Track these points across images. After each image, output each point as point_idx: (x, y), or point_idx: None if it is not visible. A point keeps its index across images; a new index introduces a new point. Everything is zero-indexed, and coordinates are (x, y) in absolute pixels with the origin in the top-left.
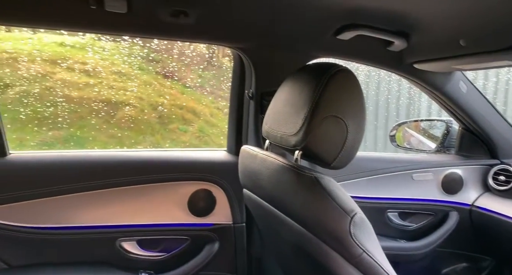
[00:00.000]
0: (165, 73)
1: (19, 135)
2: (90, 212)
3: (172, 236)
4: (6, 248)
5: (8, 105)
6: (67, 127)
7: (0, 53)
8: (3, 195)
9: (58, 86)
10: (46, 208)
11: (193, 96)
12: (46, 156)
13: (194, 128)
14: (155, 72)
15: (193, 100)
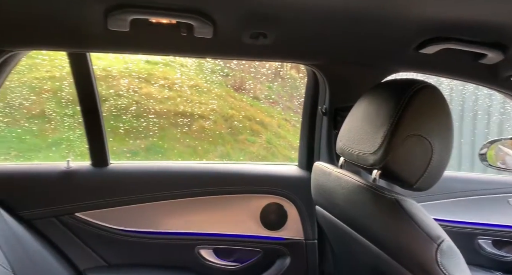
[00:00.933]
0: (235, 86)
1: (111, 144)
2: (173, 218)
3: (245, 247)
4: (106, 247)
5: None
6: (150, 137)
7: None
8: (104, 200)
9: (143, 100)
10: (138, 213)
11: (261, 108)
12: (140, 165)
13: (262, 140)
14: (227, 86)
15: (262, 112)
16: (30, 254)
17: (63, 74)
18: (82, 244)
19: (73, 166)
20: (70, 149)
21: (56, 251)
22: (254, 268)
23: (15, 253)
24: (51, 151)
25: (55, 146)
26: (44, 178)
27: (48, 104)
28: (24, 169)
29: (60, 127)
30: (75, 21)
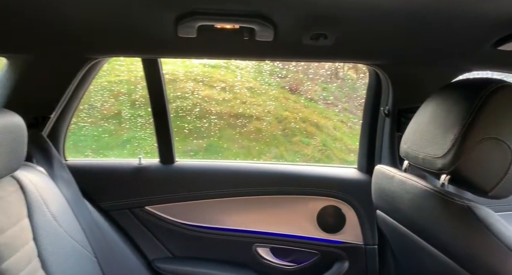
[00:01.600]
0: (290, 88)
1: (175, 143)
2: (232, 216)
3: (302, 249)
4: (171, 240)
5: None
6: (208, 138)
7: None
8: (170, 195)
9: (204, 102)
10: (200, 209)
11: (317, 110)
12: (203, 164)
13: (317, 142)
14: (281, 87)
15: (316, 114)
16: (108, 241)
17: (137, 78)
18: (151, 235)
19: (144, 162)
20: (140, 146)
21: (129, 241)
22: (311, 270)
23: (96, 239)
24: (123, 149)
25: (126, 144)
26: (119, 173)
27: (121, 106)
28: (103, 164)
29: (132, 127)
30: (149, 30)
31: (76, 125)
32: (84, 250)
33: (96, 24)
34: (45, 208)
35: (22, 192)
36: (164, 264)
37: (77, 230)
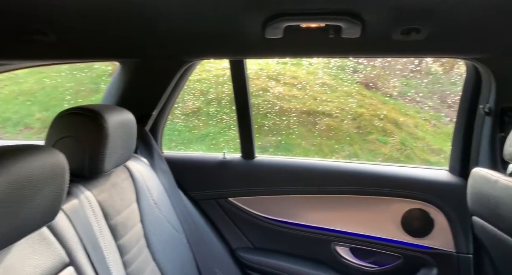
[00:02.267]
0: (366, 83)
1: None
2: (311, 213)
3: (383, 251)
4: (252, 231)
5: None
6: (278, 134)
7: None
8: (251, 189)
9: (273, 99)
10: (279, 203)
11: (395, 106)
12: (282, 160)
13: (395, 140)
14: (356, 83)
15: (395, 110)
16: (198, 228)
17: (213, 77)
18: (234, 225)
19: (228, 157)
20: (216, 141)
21: (215, 229)
22: (394, 273)
23: (188, 225)
24: (201, 143)
25: (204, 138)
26: (206, 166)
27: (200, 104)
28: (193, 157)
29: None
30: (239, 33)
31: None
32: (179, 235)
33: (193, 30)
34: (149, 195)
35: (132, 179)
36: (246, 253)
37: (173, 216)
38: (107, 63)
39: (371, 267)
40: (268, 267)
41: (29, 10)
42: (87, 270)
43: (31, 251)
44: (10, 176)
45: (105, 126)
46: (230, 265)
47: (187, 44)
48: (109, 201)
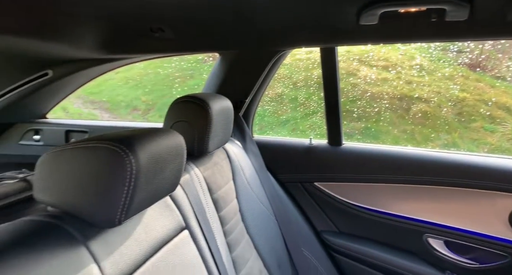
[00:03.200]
0: (470, 64)
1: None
2: (401, 202)
3: (484, 248)
4: (338, 216)
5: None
6: (365, 120)
7: None
8: (338, 175)
9: (360, 82)
10: (367, 191)
11: (507, 90)
12: (372, 148)
13: (506, 129)
14: (458, 64)
15: (507, 95)
16: (285, 209)
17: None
18: (319, 209)
19: (314, 143)
20: (297, 127)
21: (301, 211)
22: (497, 272)
23: (277, 205)
24: (282, 128)
25: (285, 124)
26: (293, 150)
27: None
28: (280, 141)
29: (291, 108)
30: (332, 22)
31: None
32: (268, 212)
33: (289, 21)
34: (242, 174)
35: (229, 160)
36: (331, 237)
37: (263, 195)
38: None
39: (470, 263)
40: (354, 251)
41: (148, 10)
42: (198, 234)
43: (159, 215)
44: (149, 153)
45: (210, 113)
46: (316, 245)
47: (282, 35)
48: (212, 177)
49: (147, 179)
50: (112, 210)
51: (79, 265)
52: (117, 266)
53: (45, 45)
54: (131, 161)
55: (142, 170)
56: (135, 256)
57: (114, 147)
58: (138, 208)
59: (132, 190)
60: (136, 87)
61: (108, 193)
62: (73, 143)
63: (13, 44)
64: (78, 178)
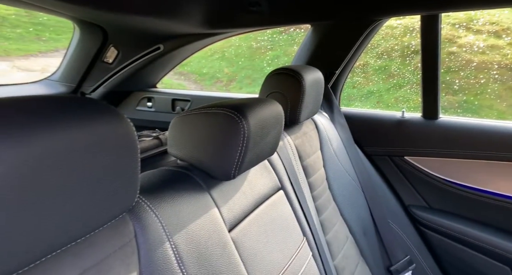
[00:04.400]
0: None
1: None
2: (502, 180)
3: None
4: (428, 191)
5: (416, 71)
6: (462, 93)
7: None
8: (431, 150)
9: (459, 51)
10: (463, 167)
11: None
12: (471, 122)
13: None
14: None
15: None
16: (372, 181)
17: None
18: (408, 183)
19: (407, 116)
20: (381, 100)
21: (388, 184)
22: None
23: (363, 178)
24: (366, 101)
25: (369, 96)
26: (383, 123)
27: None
28: (369, 113)
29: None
30: None
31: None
32: (355, 183)
33: None
34: (330, 145)
35: (317, 130)
36: (420, 211)
37: (349, 166)
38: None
39: None
40: (446, 227)
41: None
42: (291, 195)
43: (260, 175)
44: (257, 119)
45: (303, 84)
46: (403, 219)
47: (380, 3)
48: (302, 146)
49: (255, 142)
50: (228, 166)
51: (205, 207)
52: (231, 212)
53: (159, 22)
54: (244, 125)
55: (252, 133)
56: (244, 206)
57: (230, 113)
58: (247, 166)
59: (244, 150)
60: (219, 59)
61: (226, 151)
62: (196, 108)
63: (132, 22)
64: (202, 137)
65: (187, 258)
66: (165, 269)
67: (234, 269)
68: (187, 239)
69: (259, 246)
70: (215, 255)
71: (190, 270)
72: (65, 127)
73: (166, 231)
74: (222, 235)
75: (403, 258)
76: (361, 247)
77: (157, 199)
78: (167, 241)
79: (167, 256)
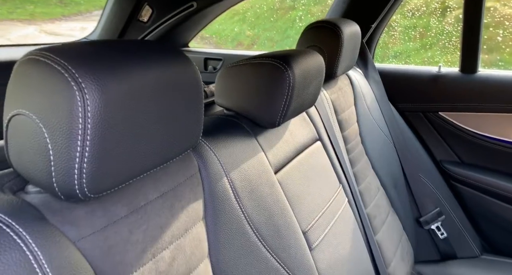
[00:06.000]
0: None
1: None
2: None
3: None
4: (462, 146)
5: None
6: (497, 51)
7: None
8: (467, 104)
9: (498, 4)
10: (499, 121)
11: None
12: (508, 75)
13: None
14: None
15: None
16: (404, 136)
17: None
18: (441, 139)
19: (443, 70)
20: (410, 59)
21: (420, 140)
22: None
23: (396, 133)
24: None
25: (396, 56)
26: (418, 79)
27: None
28: (404, 69)
29: (404, 39)
30: None
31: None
32: (387, 138)
33: None
34: (363, 100)
35: (351, 86)
36: (452, 166)
37: (382, 121)
38: None
39: None
40: (477, 181)
41: None
42: (328, 146)
43: (299, 126)
44: (301, 69)
45: (342, 37)
46: (435, 173)
47: None
48: (337, 100)
49: (299, 91)
50: (274, 114)
51: (254, 151)
52: (276, 157)
53: None
54: (289, 75)
55: (296, 83)
56: (286, 153)
57: (276, 63)
58: (290, 115)
59: (289, 99)
60: (240, 21)
61: (272, 100)
62: (243, 60)
63: None
64: (249, 87)
65: (242, 192)
66: (224, 199)
67: (281, 205)
68: (241, 176)
69: (301, 189)
70: (264, 192)
71: (244, 201)
72: (152, 67)
73: (224, 168)
74: (270, 175)
75: (433, 210)
76: (392, 199)
77: (214, 141)
78: (225, 176)
79: (226, 188)
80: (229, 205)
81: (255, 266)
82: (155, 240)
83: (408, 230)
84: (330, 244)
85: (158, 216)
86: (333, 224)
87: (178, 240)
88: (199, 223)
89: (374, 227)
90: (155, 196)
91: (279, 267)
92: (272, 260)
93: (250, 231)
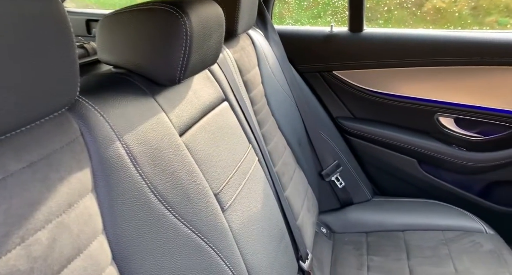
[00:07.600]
0: None
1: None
2: (416, 85)
3: (491, 121)
4: (354, 102)
5: None
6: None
7: None
8: (357, 62)
9: None
10: (384, 76)
11: None
12: (394, 32)
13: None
14: None
15: None
16: (304, 96)
17: None
18: (336, 97)
19: (335, 30)
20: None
21: (318, 99)
22: (500, 143)
23: (297, 94)
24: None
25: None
26: (312, 39)
27: None
28: (299, 30)
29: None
30: None
31: None
32: (289, 99)
33: None
34: (266, 61)
35: (254, 46)
36: (346, 121)
37: (284, 82)
38: None
39: (475, 137)
40: (367, 132)
41: None
42: (236, 106)
43: (203, 85)
44: (199, 16)
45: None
46: (332, 129)
47: None
48: (241, 60)
49: (198, 43)
50: (173, 68)
51: (153, 111)
52: (180, 119)
53: None
54: (185, 21)
55: (195, 32)
56: (191, 114)
57: (168, 8)
58: (191, 70)
59: (188, 51)
60: None
61: (168, 52)
62: (128, 7)
63: None
64: (138, 38)
65: (141, 158)
66: (119, 167)
67: (188, 168)
68: (139, 139)
69: (210, 151)
70: (169, 156)
71: (145, 168)
72: None
73: (115, 131)
74: (174, 138)
75: (332, 163)
76: (297, 156)
77: (99, 100)
78: (117, 140)
79: (120, 154)
80: (126, 173)
81: (163, 235)
82: (23, 220)
83: (312, 183)
84: (242, 203)
85: (25, 191)
86: (244, 184)
87: (59, 218)
88: (87, 196)
89: (283, 184)
90: (18, 166)
91: (190, 232)
92: (182, 226)
93: (154, 199)
